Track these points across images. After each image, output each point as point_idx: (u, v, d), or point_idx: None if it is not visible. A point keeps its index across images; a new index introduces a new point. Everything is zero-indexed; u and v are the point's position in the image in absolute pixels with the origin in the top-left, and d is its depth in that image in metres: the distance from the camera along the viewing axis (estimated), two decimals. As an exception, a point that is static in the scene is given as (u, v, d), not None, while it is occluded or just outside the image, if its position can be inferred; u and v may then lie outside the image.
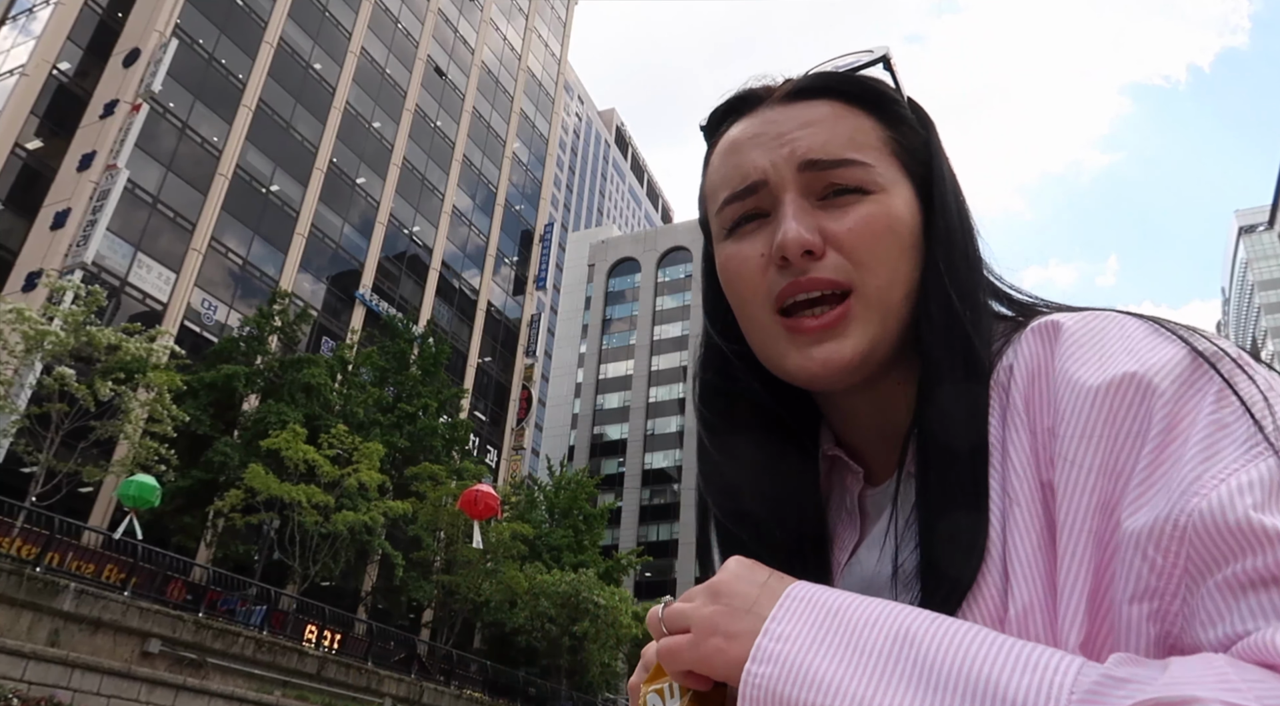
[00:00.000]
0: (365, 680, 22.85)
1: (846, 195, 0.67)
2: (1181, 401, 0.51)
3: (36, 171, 28.36)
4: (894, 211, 0.67)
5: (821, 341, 0.66)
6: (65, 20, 29.65)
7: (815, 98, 0.71)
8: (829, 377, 0.66)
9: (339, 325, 36.15)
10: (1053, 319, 0.61)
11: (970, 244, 0.71)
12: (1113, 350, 0.56)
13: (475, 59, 49.06)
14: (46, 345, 19.89)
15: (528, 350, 48.79)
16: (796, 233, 0.65)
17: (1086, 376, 0.55)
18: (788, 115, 0.70)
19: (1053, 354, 0.59)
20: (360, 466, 24.53)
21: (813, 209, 0.67)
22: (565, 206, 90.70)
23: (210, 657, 18.83)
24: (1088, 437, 0.53)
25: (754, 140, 0.70)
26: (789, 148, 0.68)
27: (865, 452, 0.75)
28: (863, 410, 0.73)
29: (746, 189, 0.69)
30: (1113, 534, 0.51)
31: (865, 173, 0.67)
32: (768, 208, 0.69)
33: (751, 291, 0.69)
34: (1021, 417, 0.58)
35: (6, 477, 21.26)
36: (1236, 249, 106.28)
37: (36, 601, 15.92)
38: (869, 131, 0.69)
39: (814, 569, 0.73)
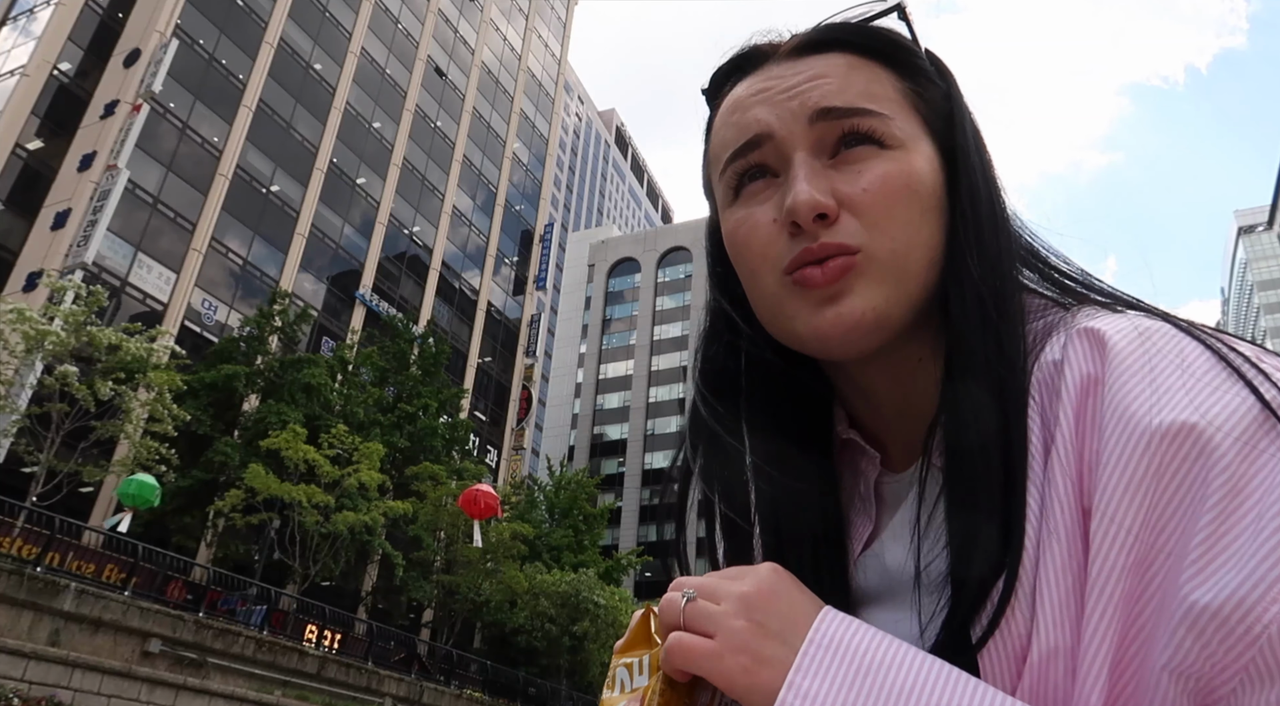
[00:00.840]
0: (365, 680, 22.85)
1: (862, 148, 0.62)
2: (1246, 463, 0.46)
3: (37, 172, 28.38)
4: (914, 169, 0.62)
5: (832, 299, 0.60)
6: (66, 20, 29.67)
7: (825, 51, 0.66)
8: (841, 338, 0.61)
9: (339, 325, 36.17)
10: (1097, 328, 0.55)
11: (998, 206, 0.65)
12: (1169, 385, 0.50)
13: (475, 59, 49.07)
14: (47, 345, 19.90)
15: (528, 350, 48.80)
16: (809, 194, 0.60)
17: (1136, 418, 0.49)
18: (796, 69, 0.65)
19: (1103, 371, 0.52)
20: (360, 466, 24.54)
21: (825, 169, 0.62)
22: (565, 206, 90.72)
23: (210, 657, 18.83)
24: (1131, 491, 0.48)
25: (759, 96, 0.65)
26: (799, 100, 0.63)
27: (883, 436, 0.70)
28: (881, 386, 0.67)
29: (748, 142, 0.64)
30: (1148, 595, 0.47)
31: (883, 124, 0.62)
32: (775, 166, 0.64)
33: (760, 259, 0.63)
34: (1069, 432, 0.53)
35: (7, 477, 21.27)
36: (1236, 249, 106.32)
37: (37, 601, 15.92)
38: (885, 82, 0.65)
39: (829, 560, 0.68)
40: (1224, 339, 0.53)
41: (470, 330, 44.44)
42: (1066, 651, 0.49)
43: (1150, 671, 0.46)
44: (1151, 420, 0.49)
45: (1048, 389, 0.56)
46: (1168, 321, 0.55)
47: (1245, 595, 0.43)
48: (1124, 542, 0.48)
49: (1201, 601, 0.44)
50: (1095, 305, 0.60)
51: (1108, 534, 0.49)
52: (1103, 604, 0.48)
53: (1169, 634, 0.45)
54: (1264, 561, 0.43)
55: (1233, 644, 0.43)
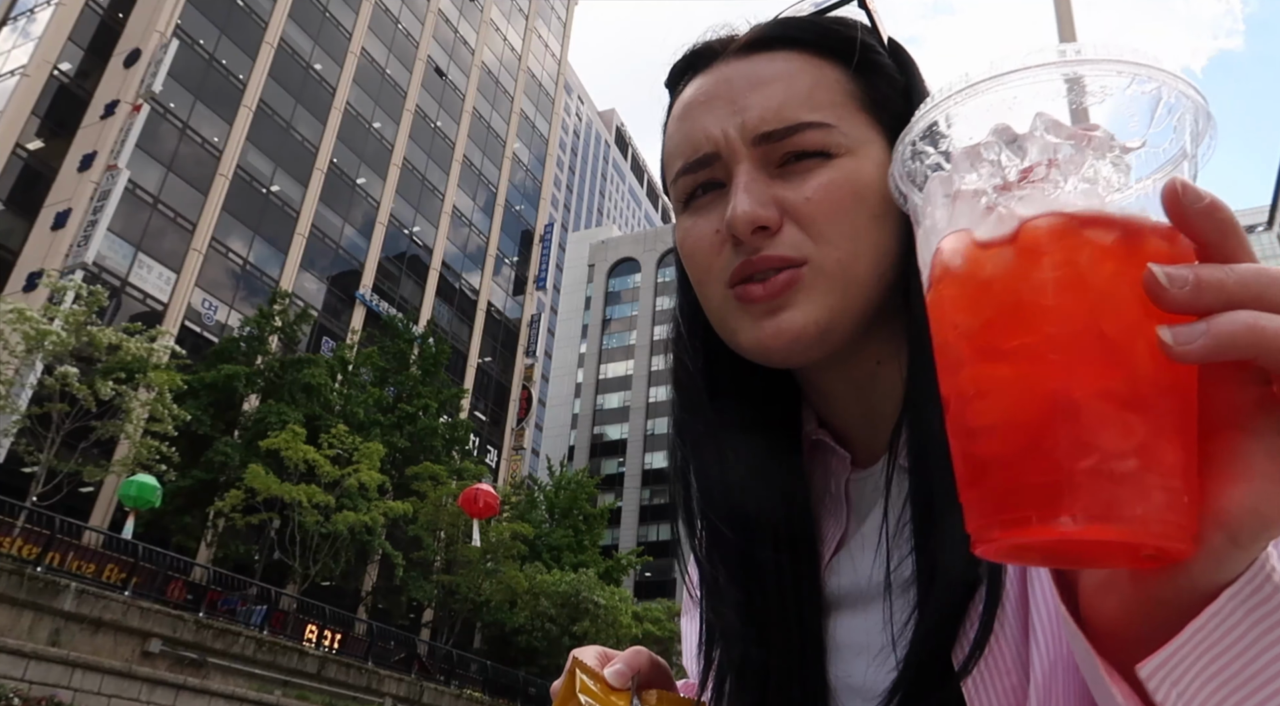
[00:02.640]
0: (365, 680, 22.85)
1: (806, 160, 0.60)
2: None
3: (37, 172, 28.39)
4: (860, 176, 0.60)
5: (771, 312, 0.59)
6: (66, 21, 29.67)
7: (774, 49, 0.64)
8: (781, 351, 0.60)
9: (339, 325, 36.17)
10: None
11: None
12: None
13: (475, 59, 49.08)
14: (47, 345, 19.91)
15: (528, 350, 48.81)
16: (745, 209, 0.59)
17: None
18: (742, 72, 0.63)
19: None
20: (360, 466, 24.55)
21: (769, 179, 0.61)
22: (565, 206, 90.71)
23: (211, 657, 18.84)
24: None
25: (706, 105, 0.63)
26: (740, 117, 0.61)
27: (850, 435, 0.68)
28: (840, 389, 0.67)
29: (698, 161, 0.63)
30: None
31: (826, 135, 0.60)
32: (723, 178, 0.63)
33: (705, 270, 0.63)
34: None
35: (7, 477, 21.27)
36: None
37: (37, 601, 15.93)
38: (833, 85, 0.62)
39: (801, 563, 0.66)
40: None
41: (470, 330, 44.44)
42: (1068, 665, 0.46)
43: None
44: None
45: None
46: None
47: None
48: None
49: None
50: None
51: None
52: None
53: None
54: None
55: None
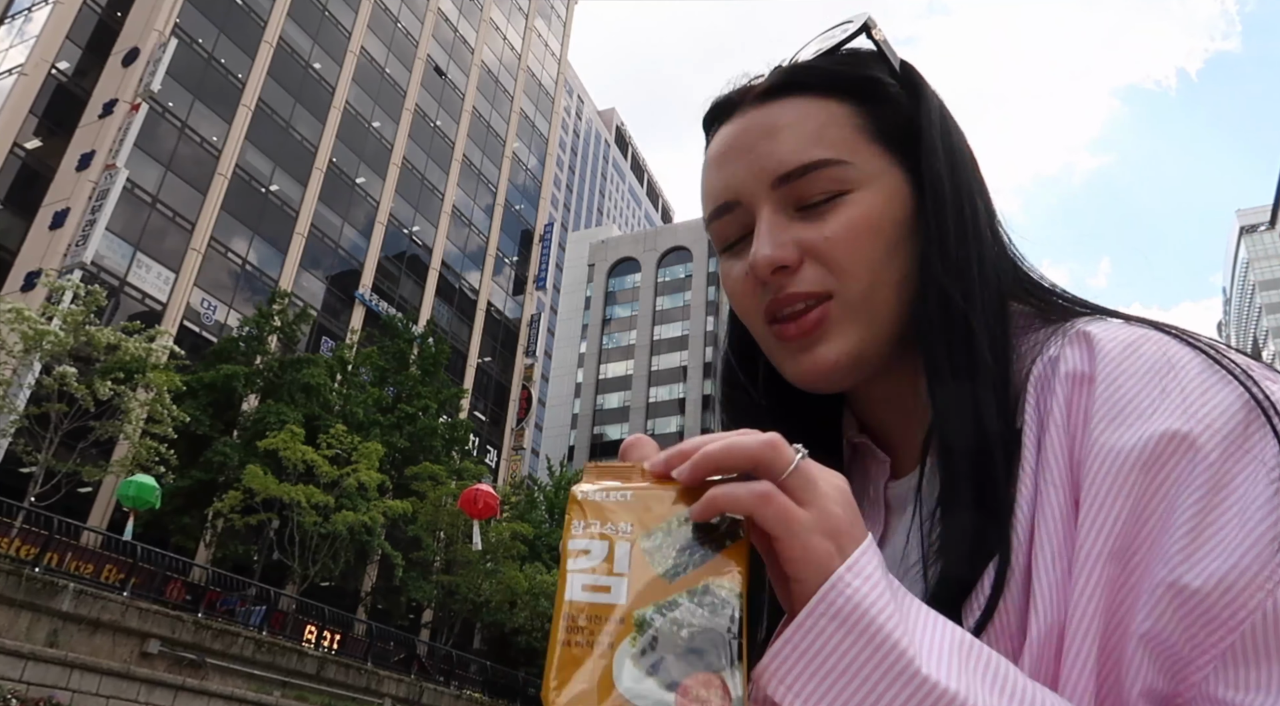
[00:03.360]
0: (365, 680, 22.81)
1: (823, 198, 0.64)
2: (1230, 461, 0.48)
3: (35, 171, 28.33)
4: (875, 209, 0.64)
5: (806, 348, 0.65)
6: (64, 19, 29.62)
7: (785, 95, 0.67)
8: (819, 383, 0.65)
9: (339, 325, 36.13)
10: (1090, 331, 0.57)
11: (973, 221, 0.65)
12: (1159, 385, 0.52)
13: (475, 59, 49.03)
14: (45, 345, 19.86)
15: (528, 350, 48.77)
16: (764, 253, 0.63)
17: (1125, 414, 0.52)
18: (758, 121, 0.67)
19: (1093, 369, 0.55)
20: (359, 466, 24.51)
21: (789, 221, 0.65)
22: (565, 206, 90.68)
23: (209, 658, 18.80)
24: (1119, 486, 0.50)
25: (727, 156, 0.68)
26: (759, 164, 0.65)
27: (890, 440, 0.72)
28: (880, 400, 0.71)
29: (721, 207, 0.68)
30: (1131, 581, 0.49)
31: (841, 171, 0.64)
32: (748, 223, 0.67)
33: (745, 309, 0.69)
34: (1061, 426, 0.55)
35: (5, 478, 21.23)
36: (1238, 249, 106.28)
37: (35, 601, 15.89)
38: (843, 121, 0.65)
39: None
40: (1216, 346, 0.55)
41: (470, 330, 44.40)
42: (1058, 634, 0.51)
43: (1128, 651, 0.48)
44: (1142, 420, 0.51)
45: (1044, 383, 0.58)
46: (1160, 329, 0.57)
47: (1233, 581, 0.45)
48: (1109, 530, 0.50)
49: (1189, 584, 0.46)
50: (1090, 313, 0.63)
51: (1094, 523, 0.51)
52: (1089, 588, 0.50)
53: (1150, 615, 0.47)
54: (1249, 551, 0.45)
55: (1215, 627, 0.45)
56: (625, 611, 0.43)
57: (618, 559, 0.45)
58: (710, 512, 0.45)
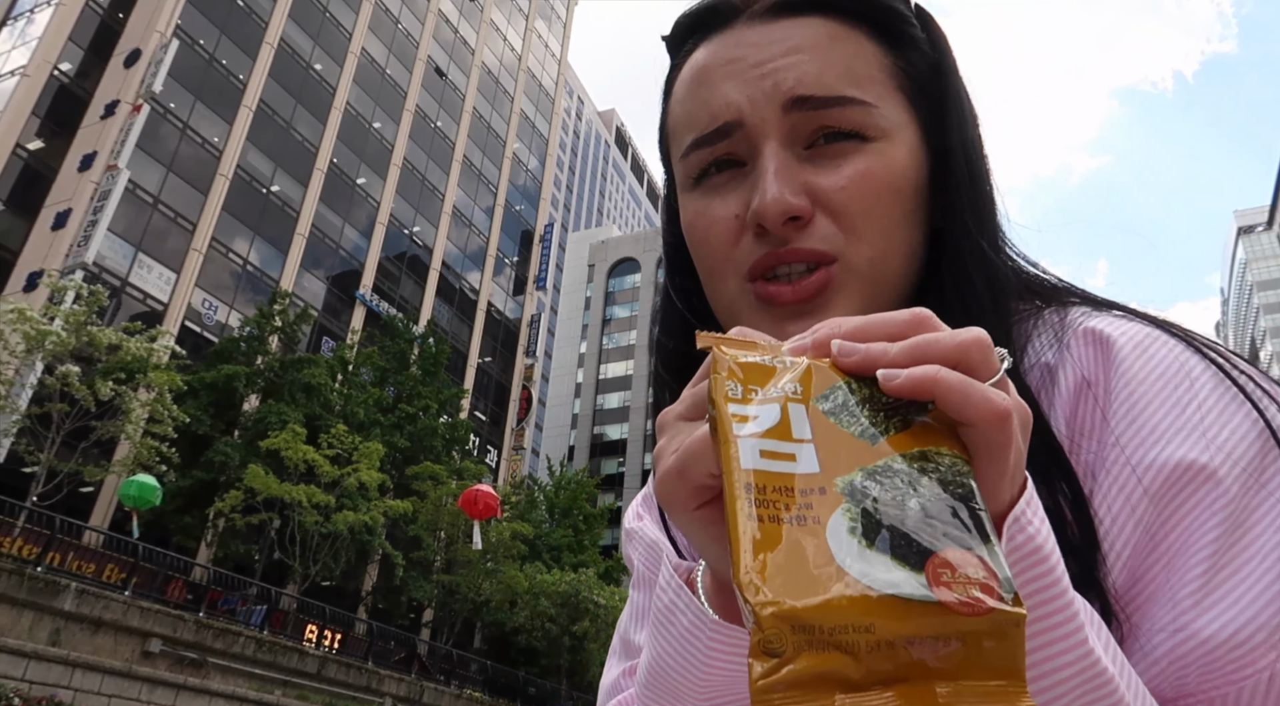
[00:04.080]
0: (365, 680, 22.86)
1: (840, 142, 0.55)
2: (1249, 496, 0.44)
3: (38, 172, 28.39)
4: (897, 164, 0.56)
5: (799, 316, 0.54)
6: (66, 21, 29.68)
7: (803, 13, 0.58)
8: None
9: (339, 325, 36.18)
10: (1101, 330, 0.52)
11: (987, 201, 0.59)
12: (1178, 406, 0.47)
13: (475, 59, 49.08)
14: (47, 345, 19.92)
15: (528, 350, 48.81)
16: (778, 195, 0.53)
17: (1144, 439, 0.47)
18: (769, 37, 0.57)
19: (1105, 376, 0.50)
20: (360, 466, 24.56)
21: (799, 161, 0.55)
22: (565, 206, 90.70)
23: (211, 657, 18.85)
24: (1130, 513, 0.46)
25: (727, 69, 0.57)
26: (772, 80, 0.55)
27: None
28: None
29: (717, 131, 0.57)
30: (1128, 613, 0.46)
31: (866, 114, 0.55)
32: (743, 155, 0.57)
33: (721, 259, 0.58)
34: (1061, 431, 0.50)
35: (8, 477, 21.28)
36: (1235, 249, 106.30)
37: (37, 601, 15.95)
38: (870, 59, 0.57)
39: None
40: (1224, 353, 0.51)
41: (470, 330, 44.44)
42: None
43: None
44: (1158, 442, 0.47)
45: (1042, 395, 0.52)
46: (1167, 330, 0.52)
47: (1246, 637, 0.42)
48: (1113, 561, 0.46)
49: (1198, 631, 0.43)
50: (1084, 305, 0.57)
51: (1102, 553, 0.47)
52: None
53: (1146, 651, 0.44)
54: (1268, 606, 0.42)
55: (1213, 676, 0.42)
56: (825, 480, 0.33)
57: (795, 422, 0.35)
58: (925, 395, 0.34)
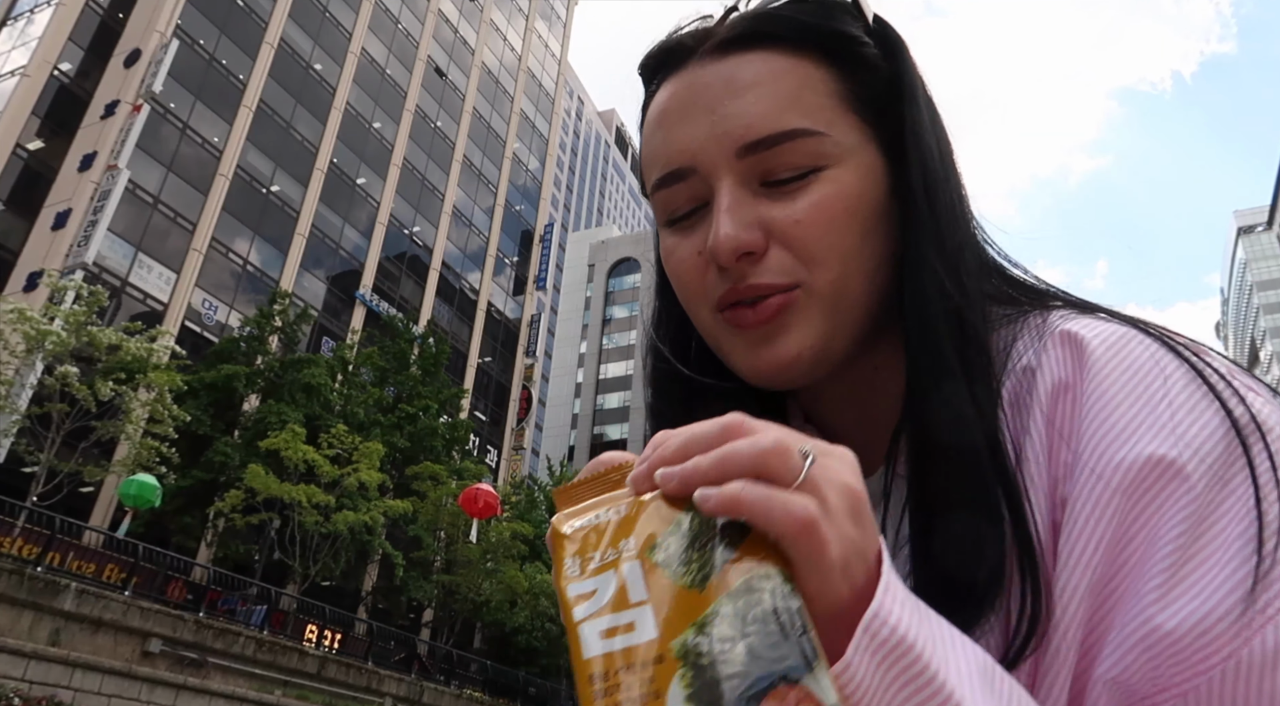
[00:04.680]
0: (366, 680, 22.87)
1: (795, 175, 0.56)
2: (1214, 491, 0.45)
3: (37, 172, 28.40)
4: (852, 188, 0.56)
5: (766, 339, 0.57)
6: (66, 21, 29.68)
7: (751, 48, 0.58)
8: (776, 379, 0.58)
9: (339, 325, 36.19)
10: (1075, 332, 0.52)
11: (960, 203, 0.60)
12: (1150, 403, 0.48)
13: (475, 60, 49.09)
14: (48, 345, 19.92)
15: (528, 350, 48.82)
16: (728, 234, 0.55)
17: (1112, 436, 0.48)
18: (720, 75, 0.58)
19: (1080, 378, 0.50)
20: (360, 466, 24.56)
21: (754, 197, 0.57)
22: (565, 206, 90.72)
23: (211, 657, 18.85)
24: (1101, 511, 0.47)
25: (681, 113, 0.59)
26: (722, 128, 0.56)
27: (839, 434, 0.65)
28: (838, 396, 0.64)
29: (673, 174, 0.59)
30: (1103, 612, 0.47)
31: (817, 144, 0.56)
32: (703, 195, 0.59)
33: (693, 293, 0.60)
34: (1041, 440, 0.51)
35: (8, 477, 21.28)
36: (1235, 249, 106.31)
37: (37, 601, 15.95)
38: (818, 85, 0.57)
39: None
40: (1199, 352, 0.51)
41: (470, 330, 44.45)
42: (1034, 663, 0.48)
43: (1091, 684, 0.46)
44: (1129, 439, 0.47)
45: (1020, 398, 0.53)
46: (1143, 330, 0.52)
47: (1210, 626, 0.42)
48: (1087, 562, 0.47)
49: (1162, 624, 0.43)
50: (1065, 308, 0.57)
51: (1073, 553, 0.47)
52: (1066, 624, 0.47)
53: (1117, 648, 0.45)
54: (1229, 595, 0.43)
55: (1183, 669, 0.43)
56: (661, 645, 0.34)
57: (631, 585, 0.36)
58: (735, 514, 0.36)
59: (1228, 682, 0.42)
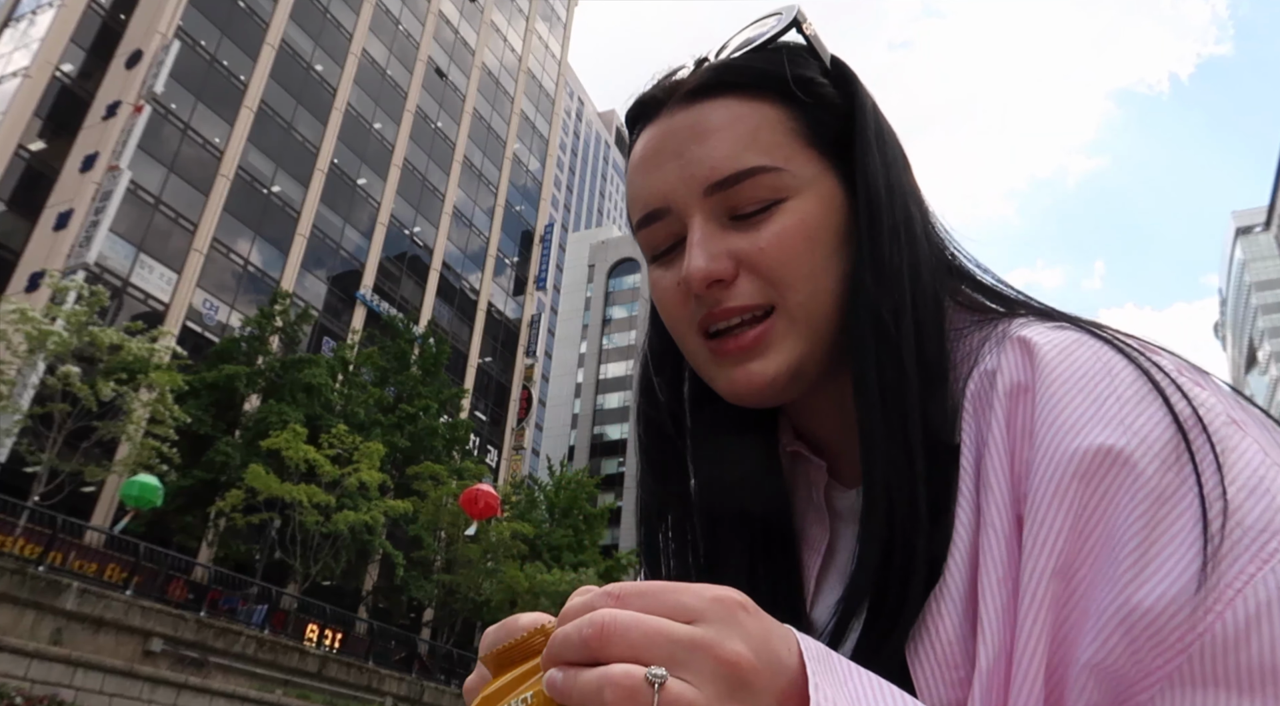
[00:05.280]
0: (366, 679, 22.93)
1: (758, 207, 0.62)
2: (1170, 474, 0.47)
3: (39, 172, 28.46)
4: (811, 217, 0.62)
5: (742, 362, 0.62)
6: (68, 22, 29.74)
7: (715, 95, 0.64)
8: (755, 397, 0.63)
9: (340, 325, 36.25)
10: (1029, 337, 0.55)
11: (907, 226, 0.64)
12: (1097, 398, 0.51)
13: (476, 60, 49.14)
14: (49, 345, 19.99)
15: (528, 350, 48.87)
16: (698, 265, 0.61)
17: (1065, 428, 0.50)
18: (686, 123, 0.64)
19: (1033, 379, 0.53)
20: (361, 466, 24.62)
21: (723, 230, 0.62)
22: (565, 207, 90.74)
23: (212, 656, 18.92)
24: (1059, 497, 0.49)
25: (654, 159, 0.65)
26: (689, 171, 0.63)
27: (830, 447, 0.70)
28: (821, 407, 0.69)
29: (650, 215, 0.65)
30: (1075, 597, 0.48)
31: (775, 179, 0.62)
32: (679, 232, 0.64)
33: (676, 319, 0.66)
34: (1001, 440, 0.53)
35: (10, 477, 21.34)
36: (1233, 250, 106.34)
37: (39, 600, 16.01)
38: (775, 125, 0.63)
39: (781, 570, 0.68)
40: (1148, 351, 0.54)
41: (470, 330, 44.50)
42: (1006, 657, 0.49)
43: (1073, 671, 0.47)
44: (1080, 440, 0.49)
45: (981, 399, 0.56)
46: (1094, 334, 0.55)
47: (1183, 603, 0.44)
48: (1051, 546, 0.48)
49: (1139, 604, 0.45)
50: (1029, 314, 0.61)
51: (1036, 538, 0.49)
52: (1034, 608, 0.48)
53: (1097, 633, 0.46)
54: (1195, 575, 0.44)
55: (1163, 649, 0.44)
56: None
57: None
58: None
59: (1206, 657, 0.43)
